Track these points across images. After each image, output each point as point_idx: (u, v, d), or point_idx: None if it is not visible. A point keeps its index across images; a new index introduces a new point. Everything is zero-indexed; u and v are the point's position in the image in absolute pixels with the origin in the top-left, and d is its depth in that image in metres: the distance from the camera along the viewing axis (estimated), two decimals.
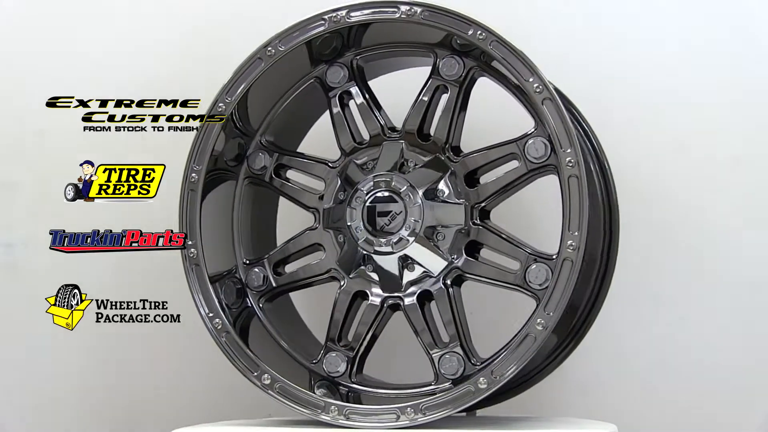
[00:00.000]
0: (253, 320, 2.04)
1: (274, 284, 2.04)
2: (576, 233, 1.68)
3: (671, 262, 2.24)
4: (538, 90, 1.73)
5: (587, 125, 2.06)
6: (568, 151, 1.70)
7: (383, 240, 1.90)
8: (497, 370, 1.71)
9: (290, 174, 2.08)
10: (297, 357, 2.01)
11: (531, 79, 1.74)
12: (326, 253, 2.00)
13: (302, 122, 2.17)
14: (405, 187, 1.89)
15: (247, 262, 2.07)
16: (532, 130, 1.82)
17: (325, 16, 1.88)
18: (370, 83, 2.04)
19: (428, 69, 1.94)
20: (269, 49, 1.92)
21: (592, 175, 1.97)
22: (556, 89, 2.05)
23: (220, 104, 1.96)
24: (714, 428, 2.22)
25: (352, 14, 1.86)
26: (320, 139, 2.19)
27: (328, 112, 2.02)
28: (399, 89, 2.00)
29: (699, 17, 2.26)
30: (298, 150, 2.16)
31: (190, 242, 1.96)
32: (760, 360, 2.21)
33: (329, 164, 2.01)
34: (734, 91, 2.24)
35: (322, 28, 1.88)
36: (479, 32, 1.77)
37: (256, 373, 1.88)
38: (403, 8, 1.82)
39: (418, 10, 1.81)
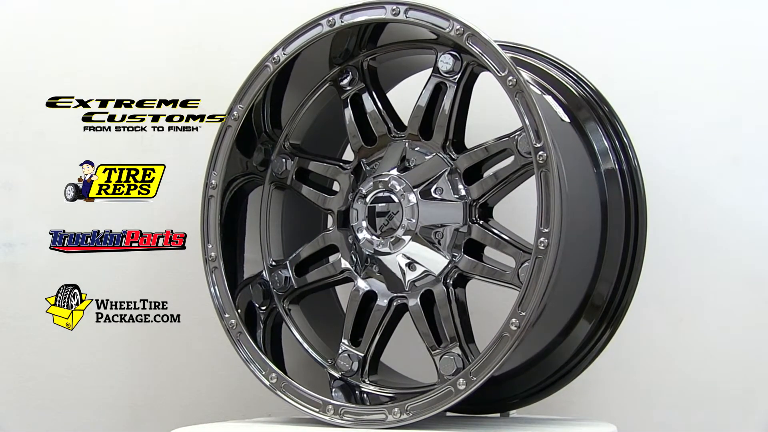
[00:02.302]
0: (284, 320, 2.07)
1: (295, 286, 2.06)
2: (547, 229, 1.66)
3: (670, 262, 2.23)
4: (511, 83, 1.71)
5: (623, 129, 2.05)
6: (539, 145, 1.68)
7: (382, 240, 1.90)
8: (475, 372, 1.70)
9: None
10: (316, 358, 2.03)
11: (503, 73, 1.71)
12: (341, 254, 2.01)
13: (337, 127, 2.13)
14: (401, 187, 1.88)
15: (274, 263, 2.09)
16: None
17: (322, 21, 1.89)
18: (391, 91, 2.05)
19: None
20: (275, 56, 1.93)
21: (622, 174, 1.99)
22: (597, 92, 2.06)
23: (234, 112, 1.97)
24: (714, 428, 2.22)
25: (345, 17, 1.87)
26: None
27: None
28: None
29: None
30: (342, 157, 2.18)
31: (209, 246, 1.98)
32: (760, 359, 2.20)
33: (343, 166, 2.02)
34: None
35: (320, 32, 1.89)
36: (456, 26, 1.76)
37: (264, 372, 1.90)
38: (389, 7, 1.83)
39: (402, 8, 1.81)
